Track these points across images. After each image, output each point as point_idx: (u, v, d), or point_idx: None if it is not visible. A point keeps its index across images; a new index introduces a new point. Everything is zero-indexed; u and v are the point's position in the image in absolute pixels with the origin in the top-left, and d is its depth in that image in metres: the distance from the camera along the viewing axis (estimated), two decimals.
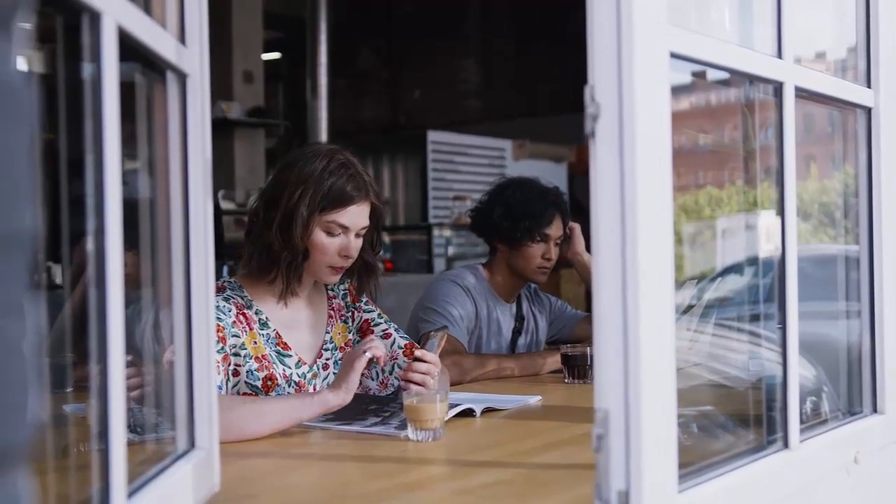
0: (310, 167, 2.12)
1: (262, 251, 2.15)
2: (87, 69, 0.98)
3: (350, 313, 2.36)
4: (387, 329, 2.35)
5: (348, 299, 2.37)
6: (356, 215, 2.17)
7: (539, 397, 2.31)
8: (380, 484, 1.54)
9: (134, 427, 1.29)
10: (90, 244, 0.98)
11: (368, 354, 1.94)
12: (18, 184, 0.49)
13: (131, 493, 1.07)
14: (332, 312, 2.33)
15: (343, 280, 2.34)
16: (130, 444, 1.05)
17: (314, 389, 2.21)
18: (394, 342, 2.31)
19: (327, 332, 2.30)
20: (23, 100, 0.50)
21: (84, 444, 1.49)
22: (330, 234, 2.15)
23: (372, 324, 2.36)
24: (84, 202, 0.99)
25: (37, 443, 0.55)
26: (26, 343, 0.52)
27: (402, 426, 1.87)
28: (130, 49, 1.08)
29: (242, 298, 2.17)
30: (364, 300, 2.39)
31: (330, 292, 2.36)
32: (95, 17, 0.97)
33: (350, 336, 2.34)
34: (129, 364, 1.01)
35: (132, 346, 1.10)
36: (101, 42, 0.97)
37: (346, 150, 2.21)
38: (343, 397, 1.90)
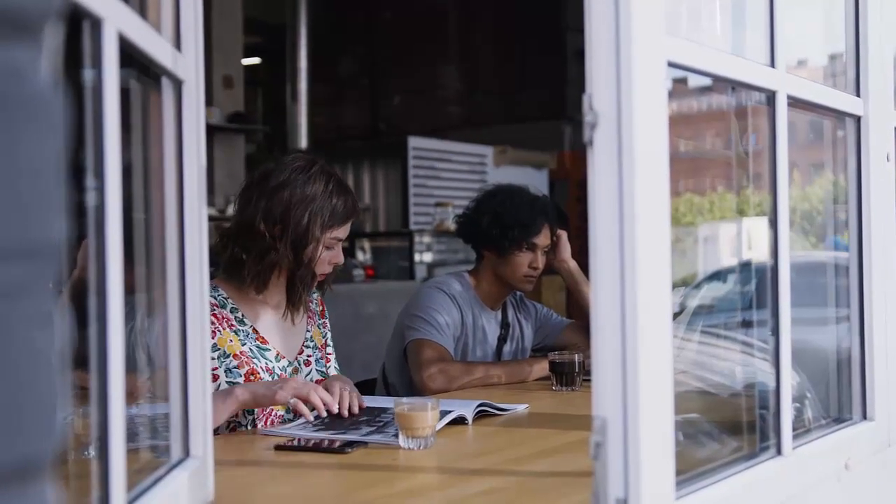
0: (311, 188, 2.21)
1: (268, 268, 2.21)
2: (87, 75, 0.98)
3: (322, 321, 2.46)
4: (331, 354, 2.45)
5: (319, 308, 2.47)
6: (349, 227, 2.30)
7: (527, 405, 2.31)
8: (374, 492, 1.54)
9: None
10: (90, 251, 0.97)
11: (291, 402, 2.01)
12: (48, 193, 0.49)
13: (129, 503, 1.06)
14: (310, 313, 2.42)
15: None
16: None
17: None
18: (310, 372, 2.36)
19: (308, 331, 2.38)
20: (53, 110, 0.50)
21: (74, 452, 1.48)
22: (329, 248, 2.25)
23: (326, 344, 2.46)
24: (80, 208, 0.98)
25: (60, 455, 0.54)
26: (54, 353, 0.52)
27: (398, 434, 1.86)
28: (126, 54, 1.08)
29: (216, 298, 2.19)
30: (326, 318, 2.48)
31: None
32: (97, 24, 0.96)
33: (323, 340, 2.44)
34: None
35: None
36: (101, 48, 0.97)
37: (327, 164, 2.31)
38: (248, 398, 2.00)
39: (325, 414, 2.04)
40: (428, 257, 7.27)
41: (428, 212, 7.68)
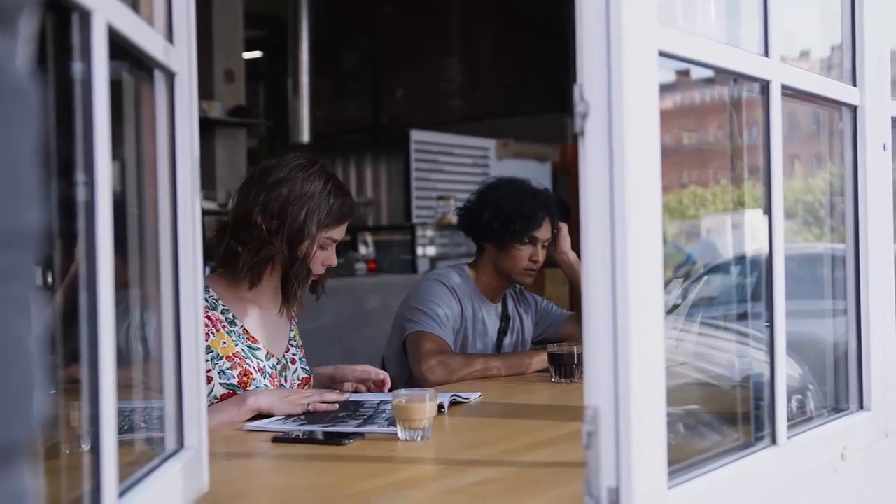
0: (310, 186, 2.23)
1: (263, 262, 2.21)
2: (76, 68, 0.98)
3: (296, 322, 2.48)
4: (300, 355, 2.45)
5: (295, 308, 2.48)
6: (344, 229, 2.32)
7: (479, 394, 2.32)
8: (370, 483, 1.54)
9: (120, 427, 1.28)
10: (80, 245, 0.98)
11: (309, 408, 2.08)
12: (24, 182, 0.49)
13: (121, 493, 1.06)
14: (293, 313, 2.43)
15: None
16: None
17: (285, 381, 2.32)
18: (296, 370, 2.38)
19: (291, 330, 2.41)
20: (28, 99, 0.50)
21: (67, 445, 1.48)
22: (323, 248, 2.26)
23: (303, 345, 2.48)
24: (71, 203, 0.98)
25: (38, 441, 0.55)
26: (32, 340, 0.52)
27: (392, 423, 1.87)
28: (117, 47, 1.08)
29: (207, 300, 2.19)
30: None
31: None
32: (85, 16, 0.96)
33: (300, 341, 2.46)
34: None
35: (118, 347, 1.10)
36: (91, 41, 0.97)
37: (327, 165, 2.34)
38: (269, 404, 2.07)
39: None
40: (430, 251, 7.27)
41: (430, 205, 7.67)
